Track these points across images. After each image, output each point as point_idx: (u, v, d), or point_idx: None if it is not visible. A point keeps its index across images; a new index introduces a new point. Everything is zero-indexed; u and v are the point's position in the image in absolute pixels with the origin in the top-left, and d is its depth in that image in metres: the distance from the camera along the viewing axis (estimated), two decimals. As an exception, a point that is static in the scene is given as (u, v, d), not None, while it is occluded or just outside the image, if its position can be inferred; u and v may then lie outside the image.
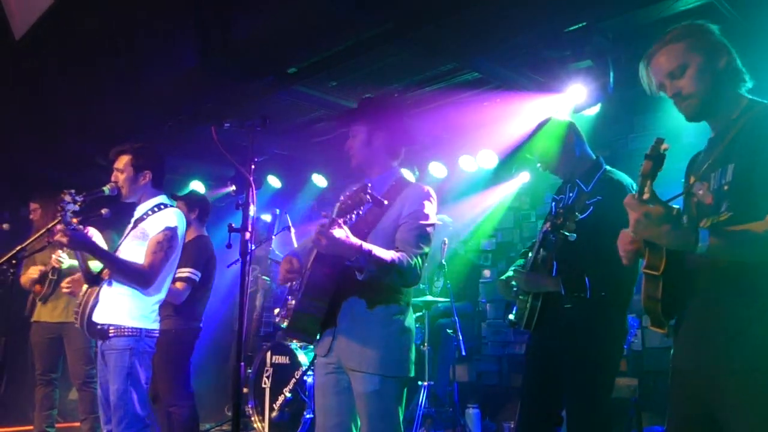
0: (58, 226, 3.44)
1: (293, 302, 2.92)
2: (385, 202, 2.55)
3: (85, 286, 3.70)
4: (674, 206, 1.90)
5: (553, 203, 3.53)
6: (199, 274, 4.78)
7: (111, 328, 3.48)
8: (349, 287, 2.75)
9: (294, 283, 3.01)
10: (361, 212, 2.52)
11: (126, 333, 3.49)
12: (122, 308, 3.53)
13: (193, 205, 5.10)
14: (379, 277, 2.65)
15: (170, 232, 3.62)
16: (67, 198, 3.39)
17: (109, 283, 3.57)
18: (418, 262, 2.73)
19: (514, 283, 3.42)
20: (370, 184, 2.49)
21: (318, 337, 2.87)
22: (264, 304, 7.45)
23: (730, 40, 2.19)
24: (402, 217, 2.78)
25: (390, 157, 2.99)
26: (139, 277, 3.54)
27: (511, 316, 3.46)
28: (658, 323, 2.10)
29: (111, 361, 3.48)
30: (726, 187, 2.02)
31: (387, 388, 2.72)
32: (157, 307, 3.71)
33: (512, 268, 3.51)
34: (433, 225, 2.83)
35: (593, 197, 3.18)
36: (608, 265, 2.75)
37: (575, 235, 3.00)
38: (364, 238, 2.67)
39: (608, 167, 3.38)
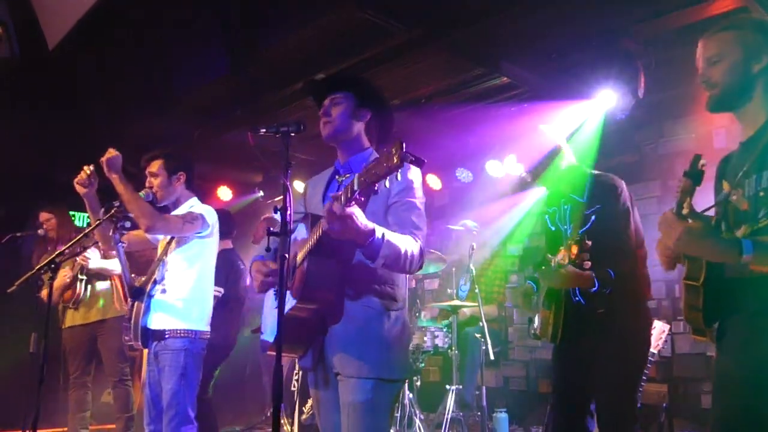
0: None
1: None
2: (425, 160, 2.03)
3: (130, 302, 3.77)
4: (711, 216, 1.89)
5: (547, 217, 3.54)
6: (222, 290, 4.77)
7: (166, 331, 3.58)
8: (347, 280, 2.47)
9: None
10: (387, 183, 1.99)
11: (181, 334, 3.58)
12: (177, 313, 3.62)
13: None
14: (392, 264, 2.34)
15: (193, 213, 3.74)
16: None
17: (164, 291, 3.67)
18: (421, 244, 2.46)
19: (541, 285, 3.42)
20: (403, 143, 1.94)
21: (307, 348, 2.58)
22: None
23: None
24: (392, 196, 2.49)
25: (368, 137, 2.72)
26: (149, 215, 3.55)
27: (534, 329, 3.49)
28: (700, 332, 2.10)
29: (165, 362, 3.56)
30: (762, 194, 2.01)
31: (383, 393, 2.43)
32: (210, 309, 3.79)
33: (532, 275, 3.55)
34: (423, 201, 2.57)
35: (591, 206, 3.23)
36: (615, 260, 3.07)
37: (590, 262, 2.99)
38: None
39: (590, 171, 3.40)
